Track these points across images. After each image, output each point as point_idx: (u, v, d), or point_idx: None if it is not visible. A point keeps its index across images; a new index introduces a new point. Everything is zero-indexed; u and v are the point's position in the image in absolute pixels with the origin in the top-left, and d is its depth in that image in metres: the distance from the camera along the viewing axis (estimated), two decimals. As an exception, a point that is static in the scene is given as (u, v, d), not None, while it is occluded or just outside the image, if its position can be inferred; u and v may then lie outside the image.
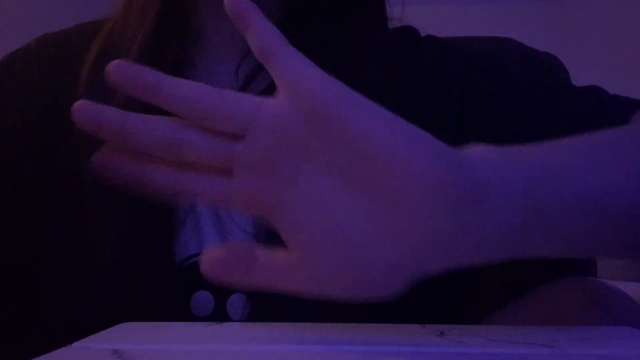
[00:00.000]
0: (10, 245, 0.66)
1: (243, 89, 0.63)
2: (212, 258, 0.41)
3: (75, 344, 0.41)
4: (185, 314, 0.59)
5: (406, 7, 0.69)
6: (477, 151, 0.40)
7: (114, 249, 0.60)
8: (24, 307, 0.67)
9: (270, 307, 0.59)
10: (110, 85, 0.41)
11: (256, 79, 0.64)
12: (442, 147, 0.38)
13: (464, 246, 0.39)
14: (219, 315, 0.60)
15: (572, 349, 0.40)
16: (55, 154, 0.64)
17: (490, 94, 0.65)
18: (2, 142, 0.66)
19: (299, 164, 0.39)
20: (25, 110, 0.66)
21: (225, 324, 0.48)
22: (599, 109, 0.63)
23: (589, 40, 2.07)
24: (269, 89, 0.64)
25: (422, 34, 0.71)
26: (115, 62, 0.41)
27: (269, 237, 0.59)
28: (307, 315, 0.57)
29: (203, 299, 0.60)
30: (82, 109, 0.42)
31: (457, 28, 1.01)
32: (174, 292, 0.60)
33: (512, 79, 0.67)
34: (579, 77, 1.03)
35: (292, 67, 0.39)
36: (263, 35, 0.40)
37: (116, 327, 0.47)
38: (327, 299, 0.40)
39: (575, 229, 0.43)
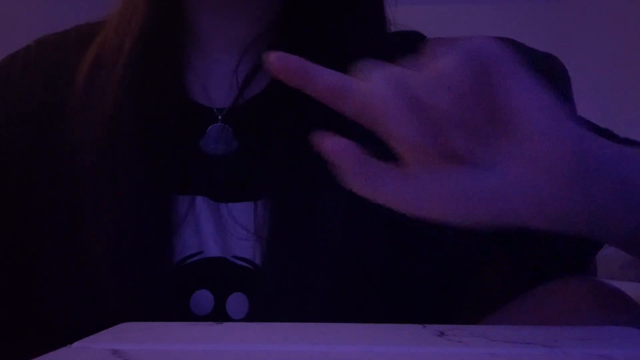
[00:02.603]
0: (9, 245, 0.66)
1: (242, 89, 0.64)
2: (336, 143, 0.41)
3: (75, 344, 0.41)
4: (185, 313, 0.59)
5: (406, 7, 0.69)
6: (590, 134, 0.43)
7: (113, 248, 0.60)
8: (24, 307, 0.67)
9: (270, 305, 0.59)
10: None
11: (255, 78, 0.64)
12: (582, 135, 0.42)
13: (570, 210, 0.42)
14: (219, 314, 0.60)
15: (572, 349, 0.40)
16: (53, 154, 0.64)
17: None
18: (4, 141, 0.66)
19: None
20: (25, 111, 0.66)
21: (225, 324, 0.48)
22: None
23: (589, 40, 2.07)
24: (269, 89, 0.64)
25: (429, 38, 0.71)
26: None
27: (270, 235, 0.60)
28: (307, 314, 0.57)
29: (203, 298, 0.60)
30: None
31: (456, 28, 1.01)
32: (173, 291, 0.60)
33: None
34: (579, 77, 1.03)
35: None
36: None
37: (116, 327, 0.47)
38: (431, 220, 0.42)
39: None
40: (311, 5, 0.65)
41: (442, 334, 0.44)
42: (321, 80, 0.42)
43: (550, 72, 0.99)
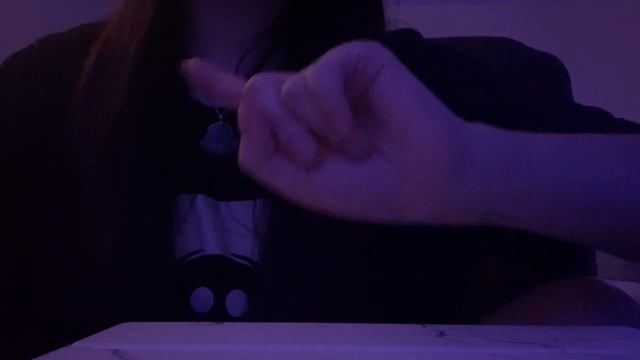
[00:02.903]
0: (10, 245, 0.66)
1: None
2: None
3: (75, 344, 0.41)
4: (185, 311, 0.60)
5: (405, 7, 0.69)
6: (479, 126, 0.46)
7: (114, 246, 0.60)
8: (24, 307, 0.67)
9: (269, 303, 0.59)
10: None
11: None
12: (456, 122, 0.44)
13: (447, 200, 0.44)
14: (219, 311, 0.60)
15: (572, 349, 0.40)
16: (54, 153, 0.64)
17: (490, 110, 0.65)
18: (3, 142, 0.66)
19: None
20: (27, 110, 0.66)
21: (225, 323, 0.48)
22: (605, 132, 0.63)
23: (589, 40, 2.07)
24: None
25: (424, 37, 0.71)
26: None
27: (270, 233, 0.60)
28: (306, 312, 0.57)
29: (203, 296, 0.60)
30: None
31: (456, 28, 1.01)
32: (174, 288, 0.60)
33: (516, 95, 0.66)
34: (579, 78, 1.03)
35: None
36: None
37: (116, 327, 0.47)
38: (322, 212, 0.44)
39: (552, 209, 0.47)
40: (311, 6, 0.65)
41: (442, 334, 0.44)
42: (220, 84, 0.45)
43: (549, 72, 0.99)
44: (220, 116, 0.64)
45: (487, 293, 0.68)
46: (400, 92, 0.42)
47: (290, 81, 0.42)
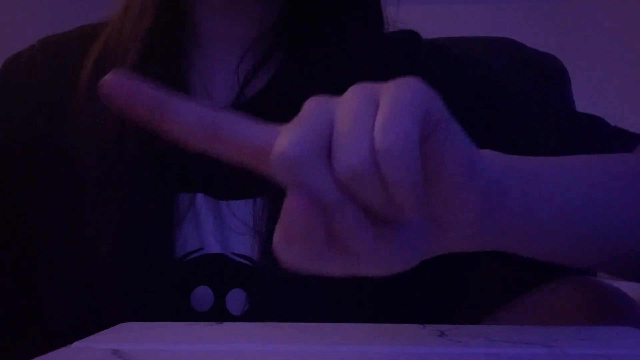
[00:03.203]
0: (11, 244, 0.66)
1: (243, 87, 0.64)
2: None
3: (75, 344, 0.41)
4: (185, 309, 0.60)
5: (405, 7, 0.69)
6: (490, 155, 0.43)
7: (115, 245, 0.60)
8: (25, 307, 0.67)
9: (269, 302, 0.59)
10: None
11: (256, 77, 0.64)
12: (479, 159, 0.40)
13: (469, 238, 0.43)
14: (219, 310, 0.60)
15: (571, 349, 0.40)
16: (55, 152, 0.64)
17: (488, 113, 0.65)
18: (4, 142, 0.66)
19: None
20: (28, 110, 0.66)
21: (225, 323, 0.48)
22: (601, 140, 0.63)
23: (589, 40, 2.07)
24: (269, 88, 0.64)
25: (424, 37, 0.71)
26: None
27: (270, 231, 0.60)
28: (306, 310, 0.57)
29: (203, 295, 0.60)
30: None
31: (456, 28, 1.01)
32: (174, 287, 0.60)
33: (513, 98, 0.66)
34: (579, 78, 1.03)
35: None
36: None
37: (116, 327, 0.47)
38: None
39: (557, 237, 0.46)
40: (311, 6, 0.65)
41: (442, 334, 0.44)
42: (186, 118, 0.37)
43: (549, 72, 0.99)
44: None
45: (487, 293, 0.68)
46: (456, 150, 0.37)
47: (352, 155, 0.33)
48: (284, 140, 0.34)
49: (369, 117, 0.34)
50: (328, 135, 0.34)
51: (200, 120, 0.37)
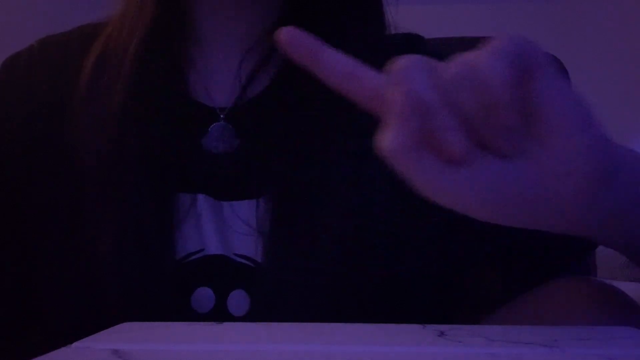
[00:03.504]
0: (11, 244, 0.66)
1: (245, 87, 0.64)
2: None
3: (75, 344, 0.41)
4: (186, 311, 0.60)
5: (405, 7, 0.69)
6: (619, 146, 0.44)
7: (115, 246, 0.60)
8: (25, 307, 0.67)
9: (271, 303, 0.59)
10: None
11: (257, 78, 0.64)
12: (605, 138, 0.42)
13: (593, 210, 0.43)
14: (220, 311, 0.60)
15: (572, 349, 0.40)
16: (55, 153, 0.64)
17: None
18: (4, 142, 0.66)
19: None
20: (27, 110, 0.66)
21: (225, 323, 0.48)
22: None
23: (589, 40, 2.07)
24: (270, 88, 0.64)
25: (425, 37, 0.71)
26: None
27: (272, 232, 0.60)
28: (307, 311, 0.58)
29: (204, 296, 0.60)
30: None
31: (457, 28, 1.01)
32: (175, 288, 0.60)
33: None
34: (579, 78, 1.03)
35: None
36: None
37: (116, 327, 0.47)
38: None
39: None
40: (312, 7, 0.65)
41: (442, 334, 0.44)
42: (334, 64, 0.42)
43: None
44: (222, 115, 0.64)
45: (487, 293, 0.68)
46: (559, 96, 0.40)
47: (454, 66, 0.40)
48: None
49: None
50: None
51: (344, 67, 0.42)
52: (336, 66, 0.42)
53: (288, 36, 0.42)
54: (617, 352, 0.39)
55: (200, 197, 0.61)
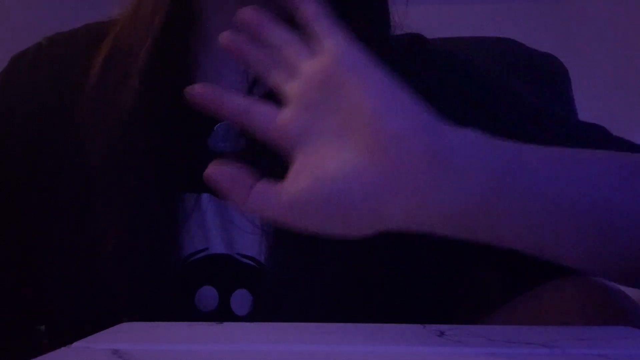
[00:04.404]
0: (15, 243, 0.66)
1: (251, 88, 0.64)
2: (220, 168, 0.46)
3: (75, 344, 0.41)
4: (189, 309, 0.60)
5: (406, 7, 0.69)
6: (469, 133, 0.45)
7: (119, 245, 0.60)
8: (26, 307, 0.67)
9: (274, 303, 0.59)
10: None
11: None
12: (437, 124, 0.44)
13: (424, 202, 0.43)
14: (223, 310, 0.60)
15: (572, 349, 0.40)
16: (61, 151, 0.64)
17: (491, 118, 0.65)
18: (12, 138, 0.66)
19: (323, 108, 0.45)
20: (35, 107, 0.66)
21: (226, 323, 0.48)
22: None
23: (589, 40, 2.07)
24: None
25: (429, 38, 0.71)
26: (247, 8, 0.48)
27: (276, 232, 0.60)
28: (310, 311, 0.58)
29: (208, 294, 0.60)
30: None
31: (457, 28, 1.01)
32: (179, 287, 0.60)
33: (517, 106, 0.66)
34: (579, 78, 1.03)
35: (334, 34, 0.46)
36: (311, 9, 0.47)
37: (116, 327, 0.47)
38: (305, 230, 0.45)
39: (542, 226, 0.47)
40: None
41: (442, 334, 0.44)
42: (229, 103, 0.47)
43: (550, 72, 0.99)
44: None
45: (487, 293, 0.68)
46: (371, 87, 0.43)
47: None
48: None
49: None
50: None
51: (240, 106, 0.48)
52: (235, 105, 0.47)
53: (194, 92, 0.47)
54: (617, 352, 0.39)
55: (205, 197, 0.61)
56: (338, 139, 0.44)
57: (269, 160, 0.62)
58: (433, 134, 0.43)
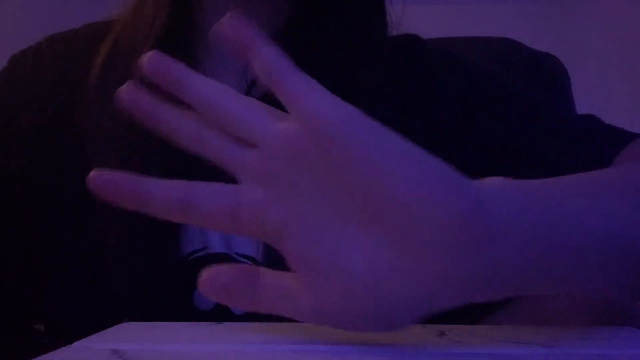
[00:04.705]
0: (16, 241, 0.66)
1: (249, 90, 0.64)
2: (213, 277, 0.40)
3: (75, 344, 0.41)
4: (188, 308, 0.60)
5: (406, 7, 0.69)
6: (496, 184, 0.38)
7: (119, 244, 0.60)
8: (26, 307, 0.67)
9: None
10: (143, 75, 0.41)
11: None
12: (459, 182, 0.36)
13: (476, 284, 0.38)
14: (222, 309, 0.60)
15: (572, 349, 0.40)
16: (62, 150, 0.64)
17: (489, 117, 0.65)
18: (12, 138, 0.66)
19: (307, 189, 0.37)
20: (36, 106, 0.66)
21: (225, 323, 0.48)
22: (591, 140, 0.64)
23: (589, 40, 2.07)
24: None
25: (424, 37, 0.71)
26: (149, 52, 0.40)
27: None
28: None
29: None
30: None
31: (457, 28, 1.01)
32: (177, 286, 0.60)
33: (514, 104, 0.67)
34: (579, 78, 1.03)
35: (304, 94, 0.37)
36: (271, 60, 0.39)
37: (116, 327, 0.47)
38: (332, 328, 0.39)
39: (588, 271, 0.40)
40: (318, 10, 0.65)
41: (442, 334, 0.44)
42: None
43: (549, 72, 0.99)
44: None
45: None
46: (378, 157, 0.35)
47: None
48: None
49: None
50: None
51: (174, 197, 0.41)
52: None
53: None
54: (617, 352, 0.39)
55: None
56: (344, 227, 0.37)
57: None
58: (474, 210, 0.36)
